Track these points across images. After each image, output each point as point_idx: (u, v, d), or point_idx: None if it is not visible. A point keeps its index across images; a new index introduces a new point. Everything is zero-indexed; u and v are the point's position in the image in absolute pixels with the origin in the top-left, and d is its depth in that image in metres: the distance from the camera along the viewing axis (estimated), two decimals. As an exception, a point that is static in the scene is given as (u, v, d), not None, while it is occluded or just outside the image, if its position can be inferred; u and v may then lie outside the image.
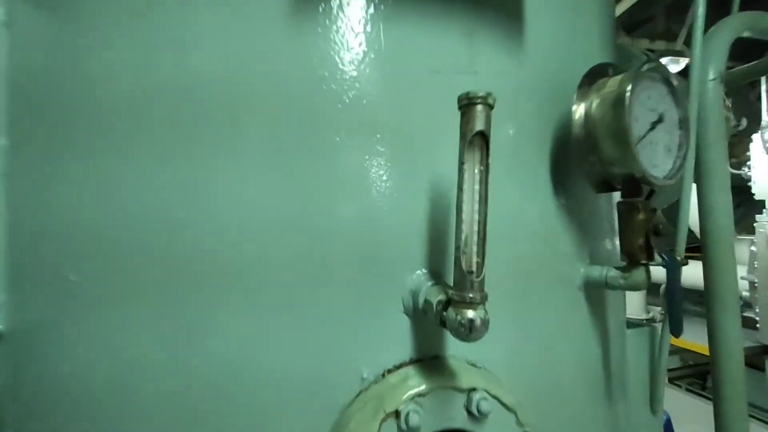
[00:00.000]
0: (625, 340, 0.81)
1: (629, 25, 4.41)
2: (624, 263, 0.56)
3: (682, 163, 0.56)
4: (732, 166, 5.11)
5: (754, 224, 4.18)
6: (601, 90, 0.54)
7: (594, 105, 0.54)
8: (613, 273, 0.57)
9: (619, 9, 4.14)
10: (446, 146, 0.44)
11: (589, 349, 0.61)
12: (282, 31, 0.49)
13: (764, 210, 4.11)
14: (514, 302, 0.53)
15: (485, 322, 0.35)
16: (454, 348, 0.48)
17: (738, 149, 4.68)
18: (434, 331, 0.47)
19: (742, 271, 4.52)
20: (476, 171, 0.37)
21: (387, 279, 0.48)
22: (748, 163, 4.42)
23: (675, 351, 5.81)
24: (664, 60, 4.16)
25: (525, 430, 0.44)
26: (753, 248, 4.22)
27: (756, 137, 4.17)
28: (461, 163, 0.39)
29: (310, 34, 0.49)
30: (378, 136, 0.50)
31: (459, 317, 0.35)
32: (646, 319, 6.14)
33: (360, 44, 0.50)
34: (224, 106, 0.48)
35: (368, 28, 0.50)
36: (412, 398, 0.41)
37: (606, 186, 0.58)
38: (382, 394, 0.43)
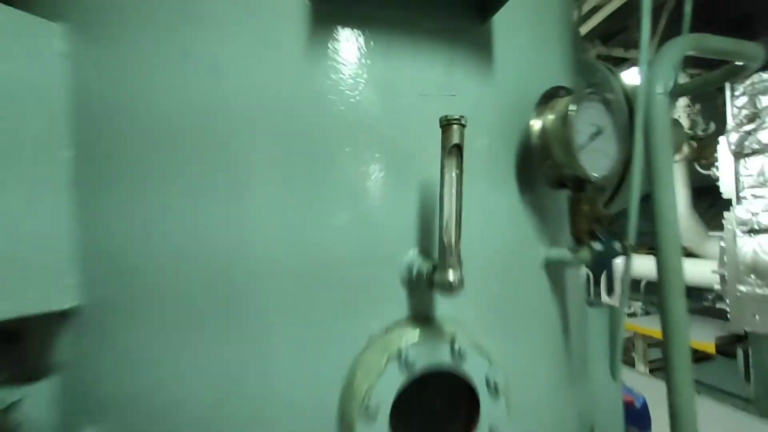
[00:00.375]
0: (585, 313, 0.97)
1: (605, 35, 4.67)
2: (573, 245, 0.71)
3: (617, 165, 0.71)
4: (702, 167, 5.41)
5: (723, 221, 4.45)
6: (554, 109, 0.69)
7: (548, 120, 0.69)
8: (566, 253, 0.72)
9: (596, 20, 4.38)
10: (432, 154, 0.58)
11: (550, 315, 0.76)
12: (299, 63, 0.62)
13: (731, 207, 4.38)
14: (488, 276, 0.67)
15: (461, 281, 0.49)
16: (441, 309, 0.62)
17: (707, 151, 4.97)
18: (425, 297, 0.61)
19: (713, 265, 4.78)
20: (453, 174, 0.51)
21: (389, 258, 0.61)
22: (716, 164, 4.70)
23: (657, 344, 6.06)
24: (636, 68, 4.42)
25: (494, 368, 0.58)
26: (722, 244, 4.48)
27: (723, 140, 4.45)
28: (442, 168, 0.53)
29: (322, 66, 0.62)
30: (378, 147, 0.64)
31: (442, 278, 0.49)
32: (629, 314, 6.41)
33: (362, 73, 0.63)
34: (250, 132, 0.61)
35: (368, 61, 0.64)
36: (410, 343, 0.55)
37: (560, 184, 0.72)
38: (387, 342, 0.56)
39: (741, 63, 1.30)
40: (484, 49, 0.71)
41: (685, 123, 5.01)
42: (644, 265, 6.96)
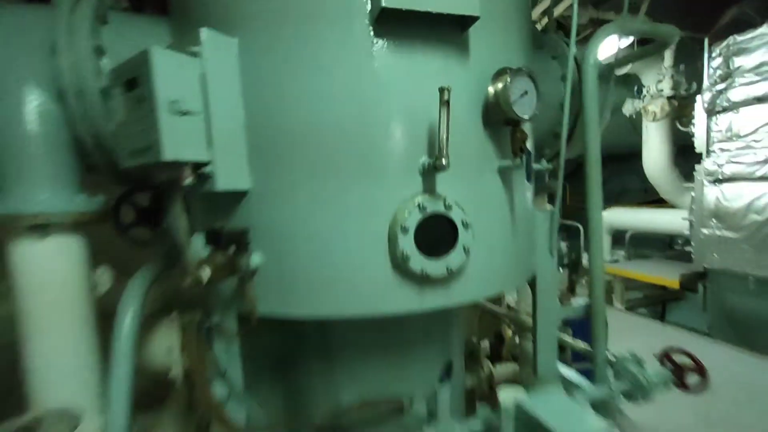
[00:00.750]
0: (529, 206, 1.57)
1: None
2: (512, 157, 1.30)
3: (537, 111, 1.28)
4: (682, 125, 5.87)
5: (693, 173, 4.98)
6: (501, 80, 1.25)
7: (497, 87, 1.25)
8: (509, 162, 1.31)
9: (588, -15, 4.69)
10: (434, 107, 1.14)
11: (501, 197, 1.36)
12: (370, 63, 1.18)
13: (702, 161, 4.90)
14: (464, 174, 1.26)
15: (449, 163, 1.09)
16: (439, 188, 1.22)
17: (687, 110, 5.41)
18: (431, 180, 1.21)
19: (685, 214, 5.38)
20: (444, 115, 1.09)
21: (413, 161, 1.20)
22: (693, 121, 5.16)
23: (639, 287, 6.79)
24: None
25: (466, 214, 1.19)
26: (693, 194, 5.04)
27: (699, 98, 4.89)
28: (440, 113, 1.10)
29: (379, 64, 1.18)
30: (406, 104, 1.21)
31: (439, 162, 1.09)
32: (612, 261, 7.14)
33: (397, 65, 1.20)
34: (348, 109, 1.18)
35: (399, 59, 1.20)
36: (423, 200, 1.16)
37: (506, 123, 1.30)
38: (412, 200, 1.17)
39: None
40: (464, 48, 1.26)
41: (668, 84, 5.41)
42: (633, 218, 7.54)
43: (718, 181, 4.65)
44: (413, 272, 1.19)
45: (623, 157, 8.77)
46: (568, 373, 1.76)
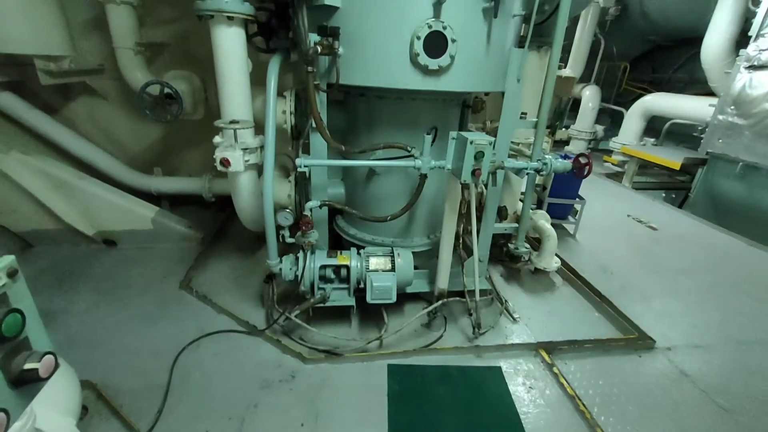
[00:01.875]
0: (506, 42, 2.50)
1: None
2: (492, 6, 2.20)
3: (511, -28, 2.11)
4: (753, 4, 5.49)
5: (736, 58, 5.06)
6: (492, -52, 2.07)
7: (489, -48, 2.08)
8: (488, 4, 2.21)
9: None
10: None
11: (482, 30, 2.32)
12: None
13: (749, 44, 4.93)
14: (459, 10, 2.21)
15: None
16: (442, 17, 2.20)
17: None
18: (438, 11, 2.18)
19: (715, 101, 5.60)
20: (449, -32, 2.00)
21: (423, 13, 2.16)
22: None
23: (654, 174, 7.38)
24: None
25: (455, 33, 2.19)
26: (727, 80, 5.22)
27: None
28: (447, -33, 2.01)
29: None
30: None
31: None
32: (592, 132, 8.21)
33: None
34: None
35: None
36: (430, 20, 2.16)
37: (491, -21, 2.16)
38: (426, 21, 2.18)
39: None
40: None
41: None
42: (667, 104, 7.75)
43: (753, 67, 4.81)
44: (420, 64, 2.27)
45: (699, 43, 8.20)
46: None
